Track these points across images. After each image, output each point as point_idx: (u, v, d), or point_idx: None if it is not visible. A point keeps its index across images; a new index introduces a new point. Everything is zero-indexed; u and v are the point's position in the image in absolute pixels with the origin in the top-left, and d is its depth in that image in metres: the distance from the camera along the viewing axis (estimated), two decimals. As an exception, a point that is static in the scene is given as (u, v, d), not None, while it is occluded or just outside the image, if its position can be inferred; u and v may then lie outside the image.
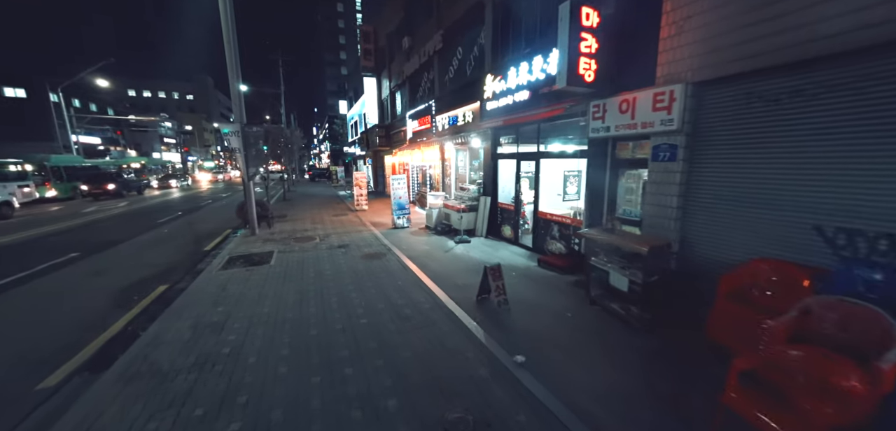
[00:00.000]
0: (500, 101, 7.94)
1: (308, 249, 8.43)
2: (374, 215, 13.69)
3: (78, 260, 8.41)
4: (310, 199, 19.78)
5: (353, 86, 31.60)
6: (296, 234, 10.19)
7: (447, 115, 11.15)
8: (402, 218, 10.84)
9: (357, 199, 14.90)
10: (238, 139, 9.41)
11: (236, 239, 9.66)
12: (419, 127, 13.93)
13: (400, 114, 17.76)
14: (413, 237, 9.70)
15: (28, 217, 15.20)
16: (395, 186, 10.78)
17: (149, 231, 11.89)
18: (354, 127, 31.91)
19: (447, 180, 12.28)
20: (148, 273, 7.35)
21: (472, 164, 10.44)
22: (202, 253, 8.81)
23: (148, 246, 9.73)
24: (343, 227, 11.22)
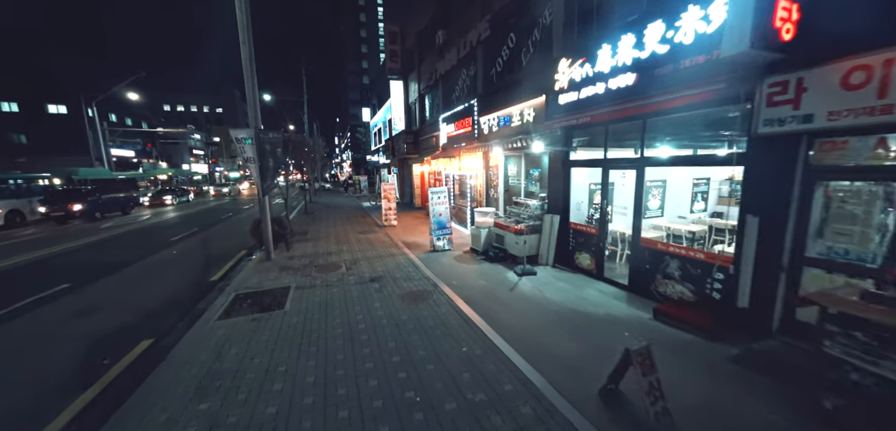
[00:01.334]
0: (582, 92, 6.00)
1: (333, 283, 6.71)
2: (405, 233, 11.95)
3: (66, 293, 7.06)
4: (333, 212, 18.39)
5: (377, 92, 30.48)
6: (318, 259, 8.55)
7: (495, 115, 9.29)
8: (442, 239, 9.01)
9: (385, 214, 13.25)
10: (252, 147, 7.91)
11: (249, 266, 8.13)
12: (456, 131, 12.15)
13: (430, 119, 16.11)
14: (460, 265, 7.83)
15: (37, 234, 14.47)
16: (434, 201, 8.98)
17: (159, 251, 10.64)
18: (378, 134, 30.70)
19: (493, 193, 10.38)
20: (137, 315, 5.85)
21: (531, 174, 8.51)
22: (207, 286, 7.30)
23: (150, 274, 8.35)
24: (372, 249, 9.52)
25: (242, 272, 7.77)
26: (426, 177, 17.96)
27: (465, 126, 11.32)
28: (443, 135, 13.64)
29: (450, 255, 8.63)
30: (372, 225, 13.83)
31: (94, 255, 10.49)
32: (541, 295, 5.87)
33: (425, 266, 7.73)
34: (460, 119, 11.69)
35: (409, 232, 11.95)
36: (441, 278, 6.84)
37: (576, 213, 7.18)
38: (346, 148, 75.08)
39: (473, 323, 4.86)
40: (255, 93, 8.06)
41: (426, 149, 16.22)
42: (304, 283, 6.74)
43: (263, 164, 8.02)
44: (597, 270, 6.47)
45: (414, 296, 5.90)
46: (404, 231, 12.28)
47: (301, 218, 16.15)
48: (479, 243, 8.52)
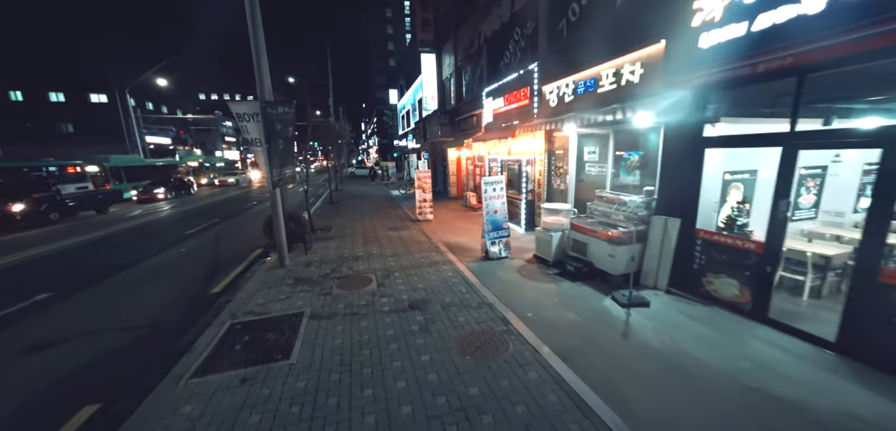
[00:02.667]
0: (765, 17, 3.63)
1: (359, 309, 4.89)
2: (444, 230, 10.02)
3: (40, 307, 5.75)
4: (359, 202, 16.81)
5: (405, 72, 28.47)
6: (342, 266, 6.81)
7: (569, 81, 7.01)
8: (498, 243, 6.97)
9: (419, 206, 11.37)
10: (257, 124, 6.18)
11: (259, 273, 6.52)
12: (505, 107, 9.94)
13: (469, 95, 13.91)
14: (528, 283, 5.77)
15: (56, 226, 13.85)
16: (489, 194, 6.92)
17: (165, 250, 9.38)
18: (406, 117, 28.82)
19: (559, 184, 8.15)
20: (100, 350, 4.33)
21: (625, 159, 6.18)
22: (206, 301, 5.74)
23: (145, 280, 6.96)
24: (408, 253, 7.66)
25: (250, 282, 6.16)
26: (464, 163, 15.89)
27: (519, 99, 9.08)
28: (486, 113, 11.45)
29: (509, 266, 6.59)
30: (404, 219, 12.02)
31: (96, 253, 9.40)
32: (676, 348, 3.71)
33: (481, 283, 5.74)
34: (512, 90, 9.45)
35: (449, 230, 10.00)
36: (509, 306, 4.83)
37: (705, 216, 4.87)
38: (373, 133, 74.14)
39: (594, 412, 2.83)
40: (260, 54, 6.28)
41: (464, 130, 14.10)
42: (321, 308, 4.96)
43: (272, 147, 6.28)
44: (753, 306, 4.20)
45: (478, 342, 3.94)
46: (443, 227, 10.35)
47: (325, 209, 14.66)
48: (547, 251, 6.42)
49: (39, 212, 13.63)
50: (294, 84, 28.54)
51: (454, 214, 12.52)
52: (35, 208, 13.48)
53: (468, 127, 13.55)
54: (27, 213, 13.17)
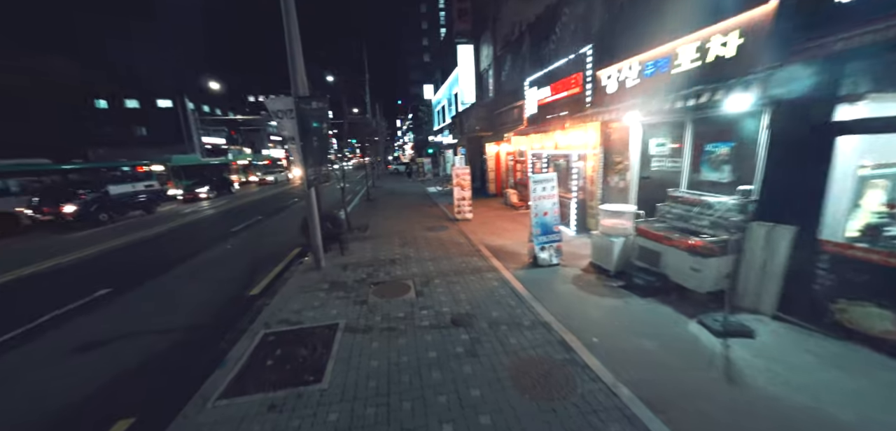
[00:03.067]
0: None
1: (397, 323, 4.42)
2: (485, 231, 9.36)
3: (96, 304, 5.95)
4: (396, 200, 16.62)
5: (440, 66, 27.99)
6: (378, 270, 6.43)
7: (633, 62, 6.03)
8: (548, 248, 6.20)
9: (458, 205, 10.80)
10: (292, 121, 5.93)
11: (295, 276, 6.33)
12: (551, 96, 9.03)
13: (510, 87, 13.05)
14: (588, 298, 4.97)
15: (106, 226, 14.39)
16: (539, 193, 6.15)
17: (213, 246, 9.67)
18: (441, 112, 28.36)
19: (617, 181, 7.16)
20: (143, 355, 4.24)
21: (709, 152, 5.11)
22: (244, 303, 5.62)
23: (190, 278, 7.07)
24: (448, 257, 7.12)
25: (287, 285, 5.96)
26: (503, 158, 15.08)
27: (569, 86, 8.15)
28: (529, 105, 10.57)
29: (563, 275, 5.81)
30: (441, 218, 11.52)
31: (148, 251, 9.91)
32: (818, 407, 2.79)
33: (532, 295, 5.04)
34: (560, 78, 8.52)
35: (490, 230, 9.32)
36: (569, 326, 4.10)
37: (833, 223, 3.79)
38: (408, 129, 74.82)
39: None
40: (295, 48, 6.01)
41: (504, 124, 13.28)
42: (357, 320, 4.56)
43: (307, 144, 6.00)
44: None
45: (537, 374, 3.29)
46: (483, 228, 9.69)
47: (362, 207, 14.59)
48: (607, 259, 5.55)
49: (89, 212, 13.85)
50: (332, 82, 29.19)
51: (494, 213, 11.81)
52: (85, 209, 13.73)
53: (508, 120, 12.73)
54: (78, 214, 13.45)
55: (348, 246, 7.90)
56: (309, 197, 6.38)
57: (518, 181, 13.38)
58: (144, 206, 17.00)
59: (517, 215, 11.26)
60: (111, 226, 13.85)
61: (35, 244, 11.14)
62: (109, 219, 14.59)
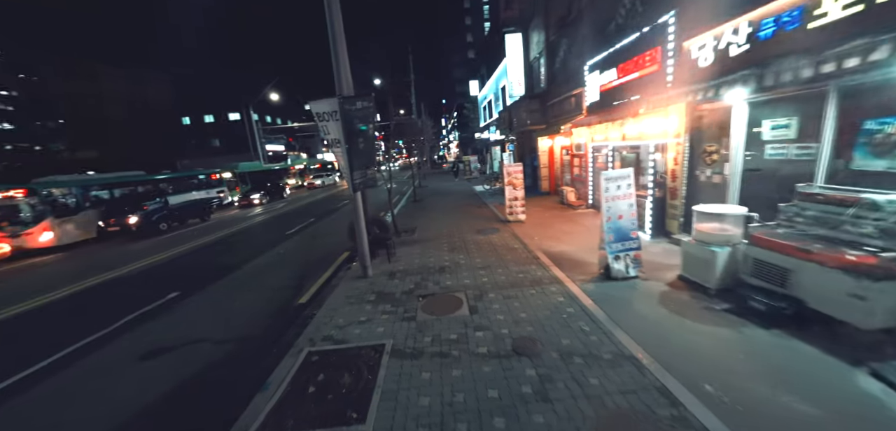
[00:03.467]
0: None
1: (450, 348, 3.86)
2: (542, 234, 8.47)
3: (169, 306, 6.25)
4: (443, 200, 16.21)
5: (486, 61, 27.10)
6: (427, 280, 5.94)
7: (745, 20, 4.78)
8: (623, 257, 5.21)
9: (510, 205, 9.99)
10: (336, 123, 5.66)
11: (342, 285, 6.08)
12: (618, 79, 7.86)
13: (564, 74, 11.89)
14: (685, 323, 3.96)
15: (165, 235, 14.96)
16: (612, 195, 5.18)
17: (271, 248, 10.02)
18: (488, 108, 27.47)
19: (710, 176, 5.87)
20: (198, 365, 4.19)
21: (872, 133, 3.76)
22: (291, 313, 5.49)
23: (246, 284, 7.22)
24: (503, 264, 6.42)
25: (333, 294, 5.72)
26: (558, 153, 13.89)
27: (642, 65, 6.95)
28: (590, 91, 9.42)
29: (645, 291, 4.81)
30: (492, 219, 10.80)
31: (208, 257, 10.52)
32: None
33: (609, 318, 4.17)
34: (630, 56, 7.33)
35: (548, 234, 8.41)
36: (668, 365, 3.20)
37: None
38: (453, 128, 74.67)
39: None
40: (339, 47, 5.74)
41: (558, 115, 12.15)
42: (405, 340, 4.08)
43: (352, 146, 5.69)
44: None
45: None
46: (539, 231, 8.80)
47: (409, 208, 14.38)
48: (706, 273, 4.44)
49: (151, 223, 14.43)
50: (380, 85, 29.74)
51: (550, 214, 10.80)
52: (147, 219, 14.36)
53: (564, 110, 11.59)
54: (140, 225, 14.07)
55: (395, 252, 7.56)
56: (354, 201, 6.10)
57: (575, 177, 12.16)
58: (199, 214, 17.35)
59: (575, 215, 10.14)
60: (169, 235, 14.11)
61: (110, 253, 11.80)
62: (169, 228, 15.12)
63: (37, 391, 4.12)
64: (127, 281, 8.22)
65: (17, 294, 7.99)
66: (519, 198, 9.97)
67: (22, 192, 12.66)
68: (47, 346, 5.10)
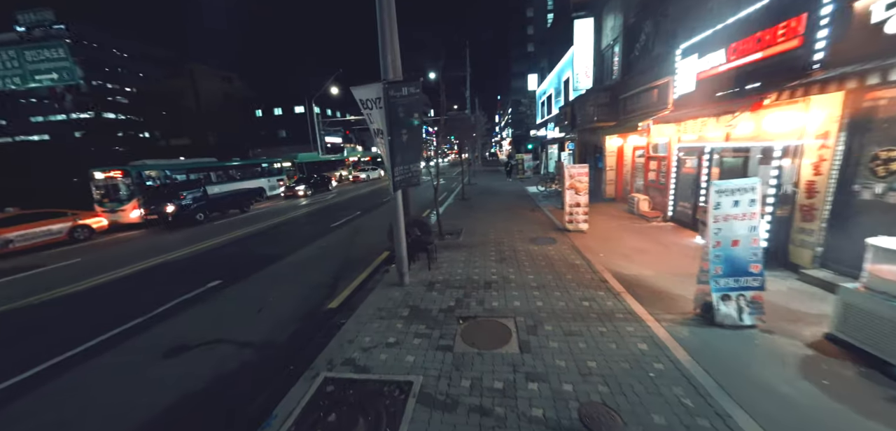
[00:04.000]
0: None
1: (492, 402, 2.97)
2: (608, 248, 7.14)
3: (202, 297, 6.24)
4: (492, 200, 15.18)
5: (547, 53, 25.28)
6: (470, 296, 5.10)
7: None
8: (735, 298, 3.84)
9: (570, 211, 8.70)
10: (380, 111, 5.03)
11: (375, 292, 5.50)
12: (730, 62, 6.19)
13: (645, 62, 10.13)
14: (856, 420, 2.62)
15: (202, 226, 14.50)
16: (725, 210, 3.82)
17: (313, 241, 9.95)
18: (547, 103, 25.62)
19: (883, 190, 4.16)
20: (216, 369, 3.86)
21: None
22: (319, 318, 5.04)
23: (284, 278, 7.02)
24: (562, 287, 5.33)
25: (365, 302, 5.15)
26: (628, 154, 12.10)
27: (771, 42, 5.28)
28: (682, 80, 7.74)
29: (769, 349, 3.44)
30: (547, 226, 9.58)
31: (251, 247, 10.74)
32: None
33: (719, 387, 2.95)
34: (752, 32, 5.66)
35: (615, 249, 7.05)
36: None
37: None
38: (506, 124, 72.53)
39: None
40: (386, 25, 5.10)
41: (634, 110, 10.43)
42: (437, 380, 3.28)
43: (395, 138, 5.03)
44: None
45: None
46: (605, 245, 7.45)
47: (456, 207, 13.62)
48: (888, 341, 2.97)
49: (187, 213, 13.99)
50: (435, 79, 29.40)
51: (616, 224, 9.27)
52: (182, 210, 13.89)
53: (641, 105, 9.88)
54: (176, 214, 13.68)
55: (437, 257, 6.82)
56: (394, 200, 5.45)
57: (650, 183, 10.38)
58: (239, 204, 16.87)
59: (649, 229, 8.53)
60: (207, 226, 13.76)
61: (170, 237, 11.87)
62: (206, 219, 14.64)
63: (45, 389, 4.11)
64: (177, 266, 8.51)
65: (97, 267, 8.80)
66: (581, 204, 8.63)
67: (119, 173, 14.36)
68: (89, 328, 5.25)
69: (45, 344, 4.83)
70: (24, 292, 7.14)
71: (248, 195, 17.93)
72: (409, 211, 7.44)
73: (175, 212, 13.74)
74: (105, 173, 14.33)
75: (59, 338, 4.96)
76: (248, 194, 18.11)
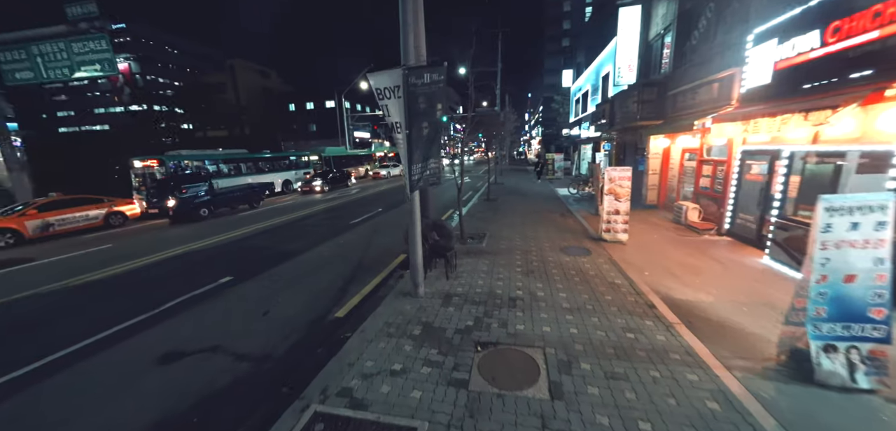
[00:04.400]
0: None
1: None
2: (652, 264, 6.18)
3: (212, 294, 5.99)
4: (519, 202, 14.31)
5: (585, 47, 23.78)
6: (491, 316, 4.43)
7: None
8: (844, 349, 2.91)
9: (608, 219, 7.75)
10: (398, 102, 4.47)
11: (384, 304, 4.95)
12: (826, 47, 5.03)
13: (705, 52, 8.90)
14: None
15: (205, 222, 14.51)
16: (840, 234, 2.89)
17: (333, 237, 9.65)
18: (582, 101, 24.17)
19: None
20: (206, 383, 3.46)
21: None
22: (325, 330, 4.57)
23: (294, 278, 6.65)
24: (600, 312, 4.53)
25: (374, 314, 4.63)
26: (677, 157, 10.85)
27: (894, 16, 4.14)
28: (755, 70, 6.58)
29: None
30: (580, 233, 8.66)
31: (273, 241, 10.57)
32: None
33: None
34: (866, 5, 4.51)
35: (661, 265, 6.09)
36: None
37: None
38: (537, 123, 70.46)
39: None
40: (413, 4, 4.52)
41: (687, 107, 9.22)
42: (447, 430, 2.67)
43: (414, 132, 4.44)
44: None
45: None
46: (649, 259, 6.49)
47: (480, 207, 12.90)
48: None
49: (190, 208, 12.86)
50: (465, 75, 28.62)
51: (660, 236, 8.20)
52: (184, 204, 12.86)
53: (697, 100, 8.67)
54: (177, 209, 12.65)
55: (456, 265, 6.19)
56: (411, 203, 4.87)
57: (702, 191, 9.15)
58: (249, 200, 15.65)
59: (701, 244, 7.43)
60: (212, 221, 12.83)
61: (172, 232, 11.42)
62: (211, 214, 13.58)
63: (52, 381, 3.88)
64: (194, 258, 8.36)
65: (124, 254, 8.95)
66: (621, 211, 7.66)
67: (155, 163, 14.91)
68: (91, 323, 5.10)
69: (47, 340, 4.70)
70: (50, 277, 7.29)
71: (259, 190, 16.63)
72: (429, 212, 6.84)
73: (176, 206, 12.79)
74: (143, 161, 14.92)
75: (58, 335, 4.80)
76: (259, 189, 16.81)
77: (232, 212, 14.43)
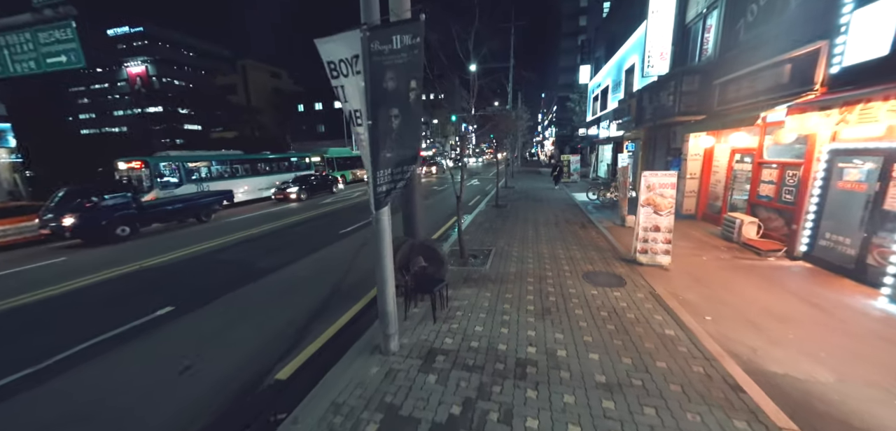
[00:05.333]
0: None
1: None
2: (714, 303, 4.57)
3: (145, 328, 4.70)
4: (532, 209, 12.71)
5: (605, 40, 21.98)
6: (490, 392, 2.95)
7: None
8: None
9: (644, 237, 6.12)
10: (355, 76, 3.05)
11: (345, 360, 3.53)
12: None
13: (764, 31, 7.18)
14: None
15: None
16: None
17: (309, 253, 8.28)
18: (600, 98, 22.34)
19: None
20: None
21: None
22: (256, 399, 3.18)
23: (246, 310, 5.29)
24: (649, 376, 3.00)
25: (321, 385, 3.23)
26: (725, 159, 9.11)
27: None
28: (858, 43, 4.88)
29: None
30: (606, 251, 7.05)
31: (242, 255, 9.31)
32: None
33: None
34: None
35: (724, 304, 4.47)
36: None
37: None
38: (550, 123, 68.33)
39: None
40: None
41: (743, 98, 7.47)
42: None
43: (381, 122, 3.01)
44: None
45: None
46: (704, 295, 4.86)
47: (487, 215, 11.36)
48: None
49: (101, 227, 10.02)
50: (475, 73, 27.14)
51: (711, 257, 6.52)
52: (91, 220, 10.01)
53: (758, 89, 6.93)
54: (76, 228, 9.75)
55: (448, 299, 4.72)
56: (378, 225, 3.42)
57: (760, 200, 7.43)
58: (195, 214, 12.79)
59: (769, 270, 5.76)
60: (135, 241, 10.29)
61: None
62: (133, 233, 10.81)
63: None
64: (141, 278, 7.15)
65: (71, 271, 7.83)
66: (662, 228, 6.03)
67: (140, 165, 13.99)
68: None
69: None
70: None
71: (207, 204, 13.14)
72: (416, 230, 5.41)
73: (76, 224, 9.73)
74: (127, 163, 14.04)
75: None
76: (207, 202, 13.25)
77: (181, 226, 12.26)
